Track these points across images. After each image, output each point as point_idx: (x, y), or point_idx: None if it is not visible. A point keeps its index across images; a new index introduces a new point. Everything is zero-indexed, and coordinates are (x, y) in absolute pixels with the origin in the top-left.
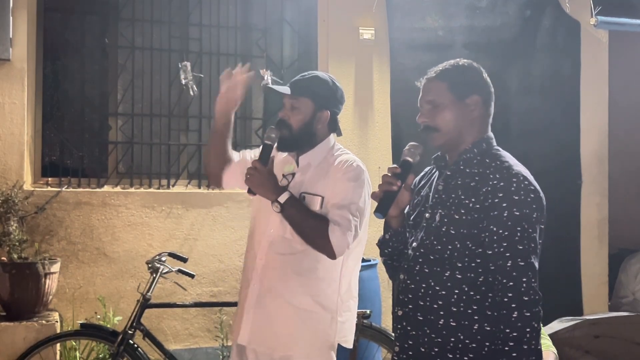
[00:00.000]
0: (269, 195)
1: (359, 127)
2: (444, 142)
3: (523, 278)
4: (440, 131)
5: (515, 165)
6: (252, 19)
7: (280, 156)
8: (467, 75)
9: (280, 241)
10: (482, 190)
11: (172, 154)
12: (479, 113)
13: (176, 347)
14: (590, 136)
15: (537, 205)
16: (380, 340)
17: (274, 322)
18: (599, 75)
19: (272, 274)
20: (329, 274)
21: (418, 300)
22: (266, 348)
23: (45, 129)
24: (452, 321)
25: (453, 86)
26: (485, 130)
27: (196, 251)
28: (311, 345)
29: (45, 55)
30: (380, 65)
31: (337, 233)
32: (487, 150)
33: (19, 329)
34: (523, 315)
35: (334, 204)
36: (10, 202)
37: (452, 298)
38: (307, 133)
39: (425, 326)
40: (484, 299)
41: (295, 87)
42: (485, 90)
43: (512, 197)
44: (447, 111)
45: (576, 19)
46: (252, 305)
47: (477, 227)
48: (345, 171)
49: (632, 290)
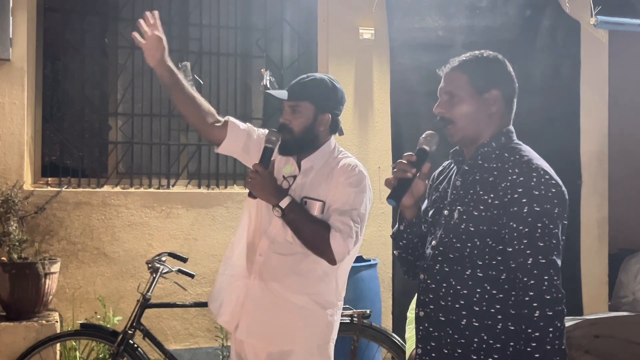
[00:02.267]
0: (270, 199)
1: (359, 127)
2: (460, 136)
3: (545, 276)
4: (456, 124)
5: (535, 159)
6: (252, 19)
7: (281, 159)
8: (489, 69)
9: (282, 242)
10: (501, 186)
11: (172, 154)
12: (498, 108)
13: (176, 347)
14: (590, 136)
15: (559, 200)
16: (380, 340)
17: (273, 317)
18: (599, 75)
19: (273, 273)
20: (327, 275)
21: (439, 300)
22: (265, 343)
23: (45, 129)
24: (474, 321)
25: (473, 79)
26: (505, 124)
27: (196, 251)
28: (310, 342)
29: (45, 55)
30: (380, 65)
31: (338, 239)
32: (506, 144)
33: (19, 329)
34: (545, 314)
35: (336, 209)
36: (10, 202)
37: (474, 297)
38: (309, 136)
39: (448, 327)
40: (507, 297)
41: (294, 91)
42: (507, 85)
43: (532, 192)
44: (464, 104)
45: (576, 19)
46: (250, 299)
47: (497, 223)
48: (347, 176)
49: (632, 290)
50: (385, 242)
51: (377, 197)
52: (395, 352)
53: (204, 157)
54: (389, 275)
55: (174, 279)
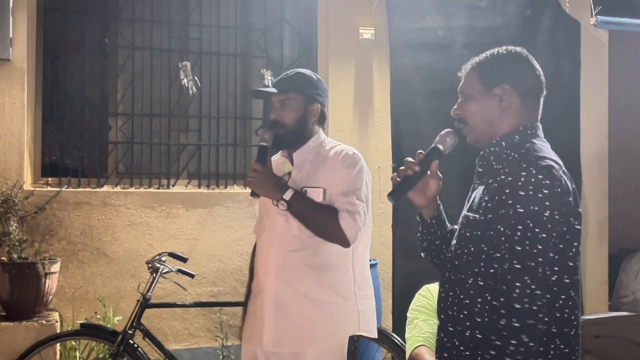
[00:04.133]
0: (273, 194)
1: (359, 127)
2: (475, 136)
3: (517, 282)
4: (469, 124)
5: (537, 159)
6: (252, 19)
7: (275, 162)
8: (499, 64)
9: (290, 239)
10: (493, 186)
11: (172, 154)
12: (510, 103)
13: (176, 347)
14: (590, 136)
15: (553, 202)
16: (380, 340)
17: (295, 320)
18: (599, 75)
19: (287, 272)
20: (342, 264)
21: (447, 310)
22: (291, 348)
23: (45, 129)
24: (477, 333)
25: (482, 76)
26: (523, 121)
27: (196, 251)
28: (336, 338)
29: (45, 55)
30: (380, 65)
31: (348, 220)
32: (518, 144)
33: (19, 329)
34: (511, 324)
35: (339, 192)
36: (10, 202)
37: (475, 307)
38: (301, 128)
39: (454, 338)
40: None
41: (282, 85)
42: (522, 79)
43: (518, 192)
44: (473, 102)
45: (576, 18)
46: (271, 308)
47: (492, 228)
48: (343, 160)
49: (632, 290)
50: (385, 242)
51: (377, 197)
52: (395, 352)
53: (204, 157)
54: (389, 275)
55: (174, 279)
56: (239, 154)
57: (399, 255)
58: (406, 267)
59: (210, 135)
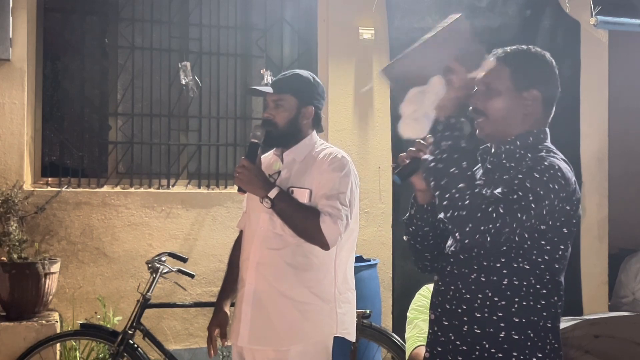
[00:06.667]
0: (258, 192)
1: (359, 127)
2: (490, 131)
3: (523, 282)
4: (488, 117)
5: (538, 165)
6: (252, 19)
7: (266, 159)
8: (533, 66)
9: (272, 237)
10: (503, 183)
11: (172, 154)
12: (534, 110)
13: (176, 347)
14: (590, 136)
15: (563, 201)
16: (380, 340)
17: (272, 318)
18: (599, 75)
19: (267, 270)
20: (324, 265)
21: (445, 303)
22: (266, 346)
23: (45, 129)
24: (476, 328)
25: (515, 74)
26: (538, 125)
27: (196, 251)
28: (311, 338)
29: (45, 55)
30: (380, 65)
31: (328, 222)
32: (532, 145)
33: (19, 329)
34: (511, 321)
35: (323, 194)
36: (10, 202)
37: (475, 303)
38: (292, 129)
39: (450, 332)
40: (509, 305)
41: (277, 85)
42: (549, 88)
43: (531, 190)
44: (500, 99)
45: (576, 19)
46: (249, 304)
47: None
48: (330, 162)
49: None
50: (385, 242)
51: (377, 197)
52: (395, 352)
53: (204, 157)
54: (389, 275)
55: (174, 279)
56: (239, 154)
57: (399, 255)
58: (406, 267)
59: (210, 135)
